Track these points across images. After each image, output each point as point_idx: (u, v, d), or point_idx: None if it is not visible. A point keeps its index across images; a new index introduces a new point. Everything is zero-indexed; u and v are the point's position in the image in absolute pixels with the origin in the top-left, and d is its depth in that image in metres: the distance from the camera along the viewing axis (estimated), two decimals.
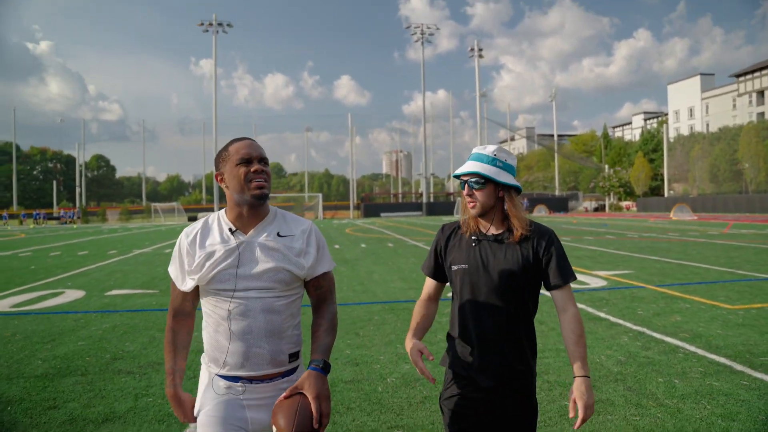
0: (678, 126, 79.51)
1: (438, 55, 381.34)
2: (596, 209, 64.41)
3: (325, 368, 1.71)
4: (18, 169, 78.42)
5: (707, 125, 73.11)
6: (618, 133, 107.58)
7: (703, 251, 13.91)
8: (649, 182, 59.35)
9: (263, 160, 1.81)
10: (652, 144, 64.15)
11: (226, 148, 1.83)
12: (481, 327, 1.95)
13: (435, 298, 2.12)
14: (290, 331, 1.82)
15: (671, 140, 60.96)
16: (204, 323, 1.86)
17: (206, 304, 1.83)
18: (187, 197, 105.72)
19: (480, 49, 61.24)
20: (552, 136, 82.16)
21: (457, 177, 1.99)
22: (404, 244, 18.34)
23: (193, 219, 55.84)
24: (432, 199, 65.70)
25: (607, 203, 65.14)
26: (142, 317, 7.03)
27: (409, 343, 1.91)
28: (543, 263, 1.92)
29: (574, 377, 1.84)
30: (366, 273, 11.12)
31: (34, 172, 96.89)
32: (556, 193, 71.50)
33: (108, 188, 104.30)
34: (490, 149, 1.99)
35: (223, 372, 1.78)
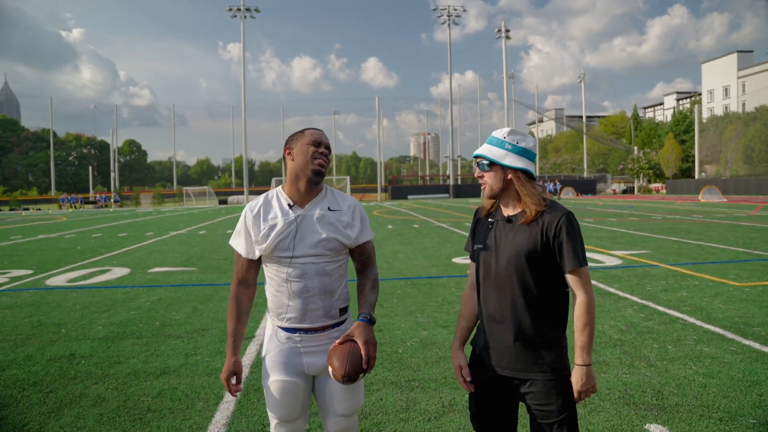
0: (712, 106, 77.62)
1: (466, 35, 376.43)
2: (624, 191, 63.68)
3: (372, 320, 2.03)
4: (55, 155, 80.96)
5: (743, 105, 71.21)
6: (649, 114, 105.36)
7: (724, 233, 14.05)
8: (680, 164, 58.38)
9: (328, 147, 2.14)
10: (684, 125, 62.91)
11: (302, 131, 2.15)
12: (489, 307, 2.01)
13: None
14: (340, 290, 2.14)
15: (704, 120, 59.65)
16: (267, 285, 2.18)
17: (268, 270, 2.15)
18: (216, 181, 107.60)
19: (507, 30, 60.60)
20: (581, 117, 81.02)
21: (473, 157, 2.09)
22: (429, 225, 18.78)
23: (223, 202, 57.08)
24: (459, 182, 65.78)
25: (636, 185, 64.29)
26: (184, 291, 7.69)
27: (454, 354, 2.09)
28: (554, 246, 1.90)
29: (575, 364, 1.91)
30: (391, 252, 11.63)
31: (70, 158, 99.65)
32: (585, 175, 70.81)
33: (140, 173, 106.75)
34: (502, 132, 2.01)
35: (284, 324, 2.11)
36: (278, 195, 2.17)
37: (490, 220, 2.06)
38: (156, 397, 3.81)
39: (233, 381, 2.13)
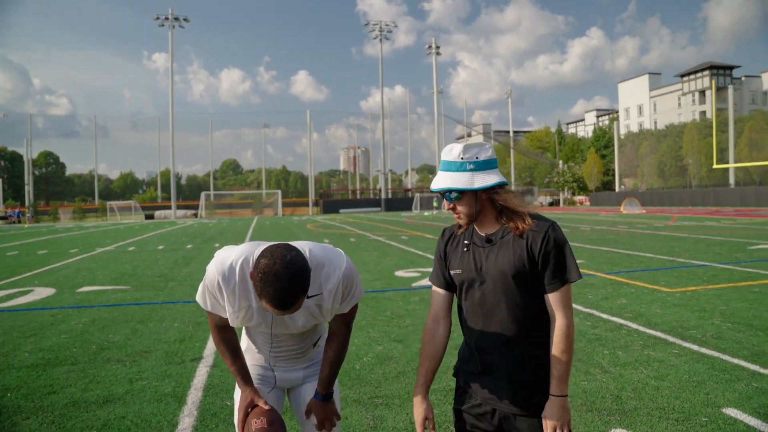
0: (628, 123, 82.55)
1: (395, 50, 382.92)
2: (551, 204, 66.38)
3: (326, 398, 2.02)
4: None
5: (655, 123, 76.21)
6: (571, 130, 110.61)
7: (648, 242, 14.86)
8: (601, 177, 61.53)
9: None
10: (603, 140, 66.44)
11: (259, 292, 1.63)
12: (475, 336, 1.85)
13: (446, 313, 1.95)
14: (316, 337, 2.14)
15: (622, 137, 63.28)
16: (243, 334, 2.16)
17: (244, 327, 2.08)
18: (141, 195, 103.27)
19: (437, 47, 62.12)
20: (508, 132, 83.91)
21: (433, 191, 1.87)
22: (366, 239, 18.75)
23: (150, 217, 54.74)
24: (390, 195, 66.33)
25: (561, 198, 67.14)
26: (120, 311, 7.24)
27: (418, 404, 1.86)
28: (539, 263, 1.74)
29: (549, 394, 1.74)
30: None
31: None
32: (512, 188, 72.93)
33: (57, 186, 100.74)
34: (455, 152, 1.79)
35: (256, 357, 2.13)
36: None
37: (465, 242, 1.87)
38: (101, 429, 3.51)
39: (253, 414, 1.93)
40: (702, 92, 72.51)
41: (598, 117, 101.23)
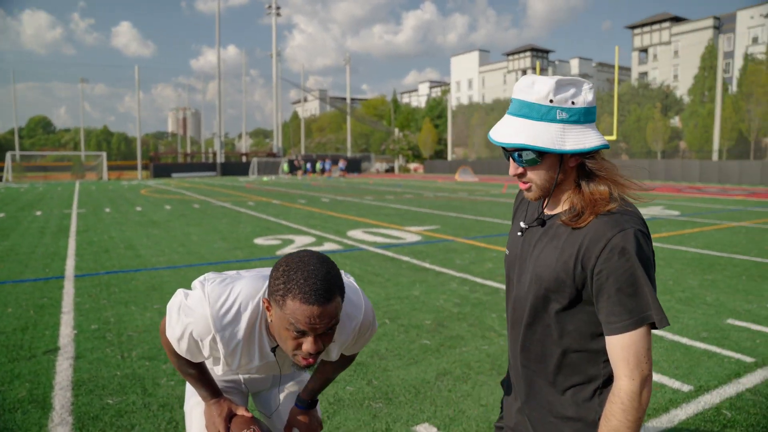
0: (459, 95, 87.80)
1: (230, 8, 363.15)
2: (387, 170, 68.64)
3: (311, 405, 1.78)
4: None
5: (483, 96, 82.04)
6: (405, 99, 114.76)
7: (491, 208, 15.97)
8: (435, 146, 64.90)
9: (324, 334, 1.32)
10: (437, 111, 69.93)
11: (284, 291, 1.26)
12: (509, 343, 1.46)
13: None
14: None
15: (453, 108, 67.17)
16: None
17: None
18: None
19: (278, 7, 59.92)
20: (344, 99, 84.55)
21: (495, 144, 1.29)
22: (210, 206, 17.66)
23: None
24: (223, 160, 63.34)
25: (396, 165, 69.77)
26: None
27: None
28: (592, 284, 1.21)
29: None
30: (183, 235, 10.59)
31: None
32: (349, 154, 74.34)
33: None
34: (541, 89, 1.22)
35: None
36: (261, 331, 1.45)
37: (536, 215, 1.41)
38: None
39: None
40: (524, 71, 79.53)
41: (431, 88, 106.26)
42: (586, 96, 1.23)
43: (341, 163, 52.19)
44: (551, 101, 1.20)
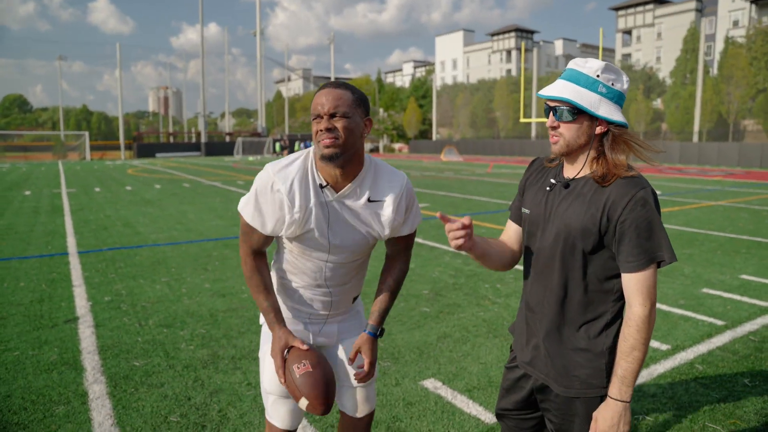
0: (443, 76, 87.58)
1: None
2: (371, 150, 68.66)
3: (380, 334, 1.82)
4: None
5: (467, 77, 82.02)
6: (389, 79, 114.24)
7: (477, 187, 16.29)
8: (420, 126, 64.99)
9: (334, 114, 1.62)
10: (422, 91, 69.86)
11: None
12: (527, 291, 1.69)
13: (512, 243, 1.78)
14: (356, 281, 1.92)
15: (438, 89, 67.17)
16: (275, 263, 1.89)
17: (286, 249, 1.82)
18: None
19: None
20: (328, 78, 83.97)
21: (543, 98, 1.57)
22: (201, 185, 17.76)
23: None
24: (207, 140, 62.85)
25: (381, 145, 69.80)
26: None
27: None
28: (616, 233, 1.47)
29: (608, 396, 1.50)
30: (178, 213, 10.76)
31: None
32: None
33: None
34: (593, 66, 1.52)
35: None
36: (312, 169, 1.72)
37: (552, 180, 1.63)
38: None
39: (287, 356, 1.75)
40: (509, 52, 79.58)
41: (415, 68, 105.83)
42: (623, 85, 1.54)
43: (304, 143, 51.75)
44: (598, 76, 1.51)
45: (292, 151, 52.17)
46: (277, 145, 49.54)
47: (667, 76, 51.21)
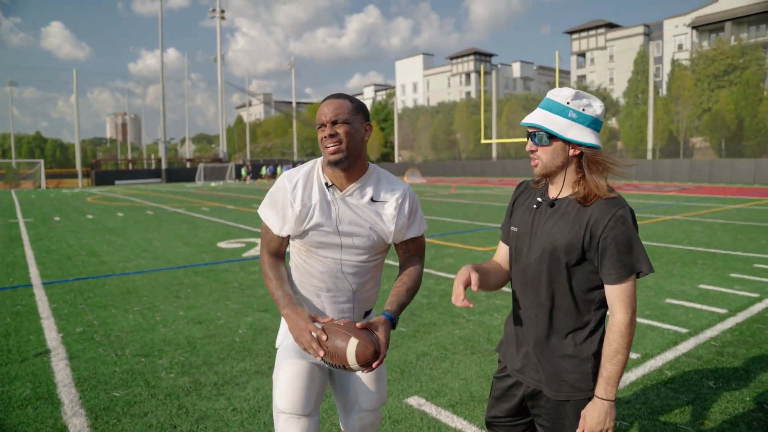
0: (404, 99, 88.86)
1: (169, 11, 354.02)
2: None
3: (396, 321, 1.85)
4: None
5: (428, 100, 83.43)
6: None
7: (443, 208, 16.55)
8: (381, 149, 65.54)
9: (336, 121, 1.80)
10: (383, 114, 70.62)
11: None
12: (516, 303, 1.81)
13: (505, 263, 1.90)
14: (368, 290, 1.99)
15: (399, 112, 68.02)
16: (292, 267, 2.00)
17: (299, 255, 1.95)
18: None
19: (222, 11, 59.15)
20: (289, 102, 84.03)
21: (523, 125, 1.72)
22: (165, 212, 17.49)
23: None
24: (167, 166, 61.92)
25: None
26: None
27: (461, 271, 1.67)
28: (598, 248, 1.59)
29: (594, 396, 1.64)
30: (144, 240, 10.59)
31: None
32: (295, 158, 73.99)
33: None
34: (564, 94, 1.65)
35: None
36: (318, 171, 1.93)
37: (538, 199, 1.76)
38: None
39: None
40: (468, 74, 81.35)
41: (376, 91, 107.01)
42: (596, 110, 1.66)
43: (269, 168, 51.20)
44: (568, 103, 1.65)
45: (257, 175, 51.91)
46: (243, 170, 49.11)
47: (620, 96, 53.19)
